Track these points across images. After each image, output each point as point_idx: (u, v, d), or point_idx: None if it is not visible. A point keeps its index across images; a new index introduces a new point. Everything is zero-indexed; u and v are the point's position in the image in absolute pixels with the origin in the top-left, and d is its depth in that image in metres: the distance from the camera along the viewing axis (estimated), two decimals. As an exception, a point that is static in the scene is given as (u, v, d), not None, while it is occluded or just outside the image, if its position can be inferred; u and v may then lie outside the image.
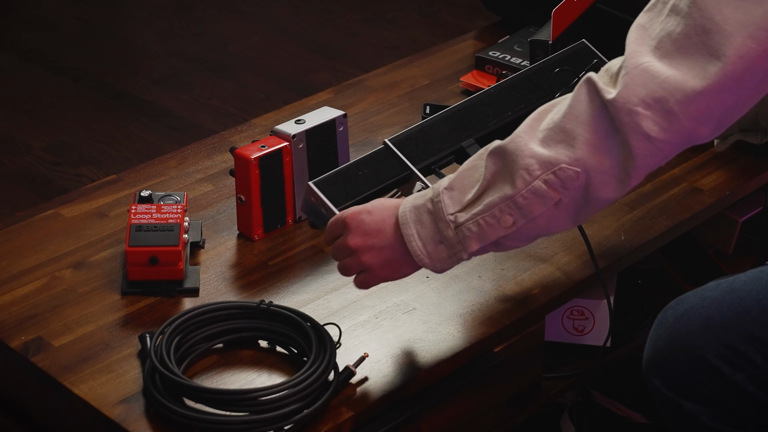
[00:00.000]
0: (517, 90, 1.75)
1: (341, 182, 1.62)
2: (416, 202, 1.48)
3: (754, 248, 2.14)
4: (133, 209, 1.71)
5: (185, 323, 1.57)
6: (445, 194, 1.46)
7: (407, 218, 1.48)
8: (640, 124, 1.35)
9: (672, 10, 1.37)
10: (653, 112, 1.35)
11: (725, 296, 1.57)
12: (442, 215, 1.45)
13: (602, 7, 2.12)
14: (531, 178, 1.40)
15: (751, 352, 1.52)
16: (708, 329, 1.55)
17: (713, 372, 1.54)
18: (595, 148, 1.38)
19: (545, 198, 1.41)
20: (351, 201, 1.61)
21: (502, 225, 1.43)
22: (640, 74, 1.35)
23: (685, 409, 1.56)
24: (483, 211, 1.43)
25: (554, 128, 1.40)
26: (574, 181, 1.40)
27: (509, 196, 1.42)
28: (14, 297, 1.69)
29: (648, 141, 1.36)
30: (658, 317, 1.62)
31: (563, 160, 1.39)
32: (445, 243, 1.46)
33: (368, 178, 1.64)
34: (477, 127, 1.71)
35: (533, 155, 1.40)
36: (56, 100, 3.28)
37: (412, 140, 1.68)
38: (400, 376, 1.57)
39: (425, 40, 3.57)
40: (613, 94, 1.36)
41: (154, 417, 1.49)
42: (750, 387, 1.53)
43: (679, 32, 1.35)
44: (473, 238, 1.45)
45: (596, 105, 1.38)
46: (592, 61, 1.79)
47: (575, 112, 1.39)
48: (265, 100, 3.28)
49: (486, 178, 1.44)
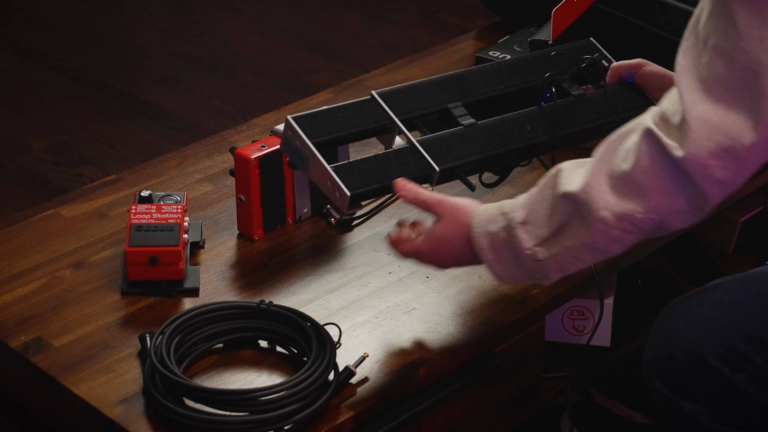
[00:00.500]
0: (514, 69, 1.75)
1: (319, 120, 1.63)
2: (489, 228, 1.51)
3: (754, 248, 2.14)
4: (133, 209, 1.71)
5: (185, 323, 1.57)
6: (521, 229, 1.49)
7: (483, 244, 1.52)
8: (713, 174, 1.39)
9: (715, 50, 1.38)
10: (723, 161, 1.39)
11: (725, 297, 1.57)
12: (520, 249, 1.50)
13: (602, 7, 2.12)
14: (607, 229, 1.44)
15: (750, 352, 1.52)
16: (708, 330, 1.55)
17: (713, 372, 1.54)
18: (667, 195, 1.42)
19: (623, 242, 1.46)
20: (326, 137, 1.61)
21: (582, 262, 1.49)
22: (702, 127, 1.38)
23: (684, 409, 1.56)
24: (562, 252, 1.48)
25: (624, 179, 1.43)
26: (648, 224, 1.44)
27: (587, 243, 1.46)
28: (14, 297, 1.69)
29: (721, 185, 1.41)
30: (658, 317, 1.62)
31: (638, 210, 1.43)
32: (524, 267, 1.51)
33: (347, 120, 1.64)
34: (466, 94, 1.71)
35: (607, 207, 1.44)
36: (56, 100, 3.28)
37: (399, 95, 1.68)
38: (400, 376, 1.57)
39: (425, 40, 3.57)
40: (681, 152, 1.39)
41: (154, 417, 1.49)
42: (750, 387, 1.53)
43: (729, 75, 1.38)
44: (555, 272, 1.50)
45: (664, 158, 1.41)
46: (594, 54, 1.78)
47: (642, 164, 1.42)
48: (265, 100, 3.28)
49: (561, 219, 1.47)
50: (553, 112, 1.71)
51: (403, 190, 1.57)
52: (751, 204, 2.09)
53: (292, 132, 1.61)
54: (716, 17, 1.38)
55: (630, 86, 1.77)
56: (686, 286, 2.05)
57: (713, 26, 1.38)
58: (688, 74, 1.41)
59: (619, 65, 1.77)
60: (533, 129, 1.69)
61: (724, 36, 1.37)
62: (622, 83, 1.78)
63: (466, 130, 1.67)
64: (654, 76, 1.75)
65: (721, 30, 1.38)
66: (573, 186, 1.46)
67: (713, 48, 1.38)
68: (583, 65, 1.77)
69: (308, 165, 1.60)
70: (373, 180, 1.58)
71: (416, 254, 1.56)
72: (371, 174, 1.58)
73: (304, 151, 1.60)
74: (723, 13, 1.38)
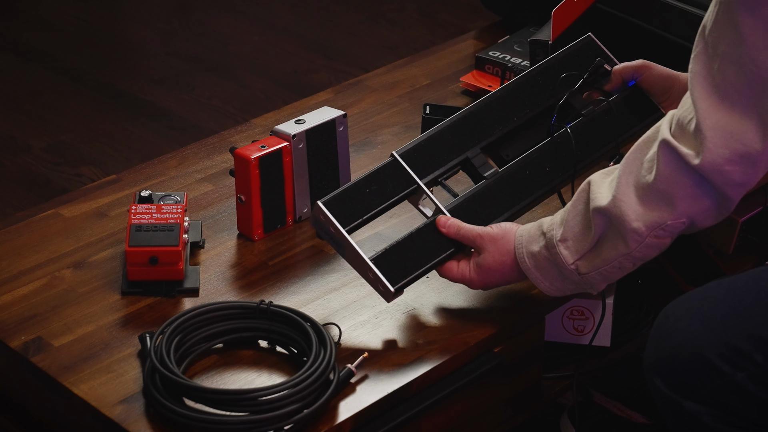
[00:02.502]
0: (523, 92, 1.77)
1: (349, 200, 1.65)
2: (531, 248, 1.61)
3: (754, 248, 2.14)
4: (133, 209, 1.71)
5: (185, 323, 1.57)
6: (561, 246, 1.58)
7: (527, 264, 1.61)
8: (732, 179, 1.46)
9: (725, 57, 1.43)
10: (740, 166, 1.46)
11: (726, 295, 1.57)
12: (564, 265, 1.59)
13: (602, 7, 2.12)
14: (642, 238, 1.53)
15: (752, 351, 1.52)
16: (709, 328, 1.55)
17: (714, 371, 1.54)
18: (693, 198, 1.50)
19: (659, 246, 1.55)
20: (358, 221, 1.64)
21: (623, 270, 1.58)
22: (718, 135, 1.44)
23: (685, 408, 1.56)
24: (604, 264, 1.57)
25: (650, 189, 1.51)
26: (680, 228, 1.53)
27: (625, 253, 1.55)
28: (14, 297, 1.69)
29: (740, 186, 1.48)
30: (659, 316, 1.62)
31: (668, 217, 1.51)
32: (570, 280, 1.61)
33: (375, 194, 1.66)
34: (482, 135, 1.75)
35: (638, 218, 1.52)
36: (56, 100, 3.28)
37: (419, 152, 1.71)
38: (400, 376, 1.57)
39: (425, 40, 3.57)
40: (698, 160, 1.46)
41: (154, 417, 1.49)
42: (751, 386, 1.53)
43: (740, 82, 1.43)
44: (600, 281, 1.60)
45: (684, 167, 1.48)
46: (595, 60, 1.79)
47: (664, 174, 1.49)
48: (265, 100, 3.28)
49: (597, 233, 1.56)
50: (568, 145, 1.74)
51: (444, 227, 1.65)
52: (751, 204, 2.09)
53: (324, 218, 1.63)
54: (722, 24, 1.42)
55: (634, 92, 1.77)
56: (686, 286, 2.05)
57: (721, 33, 1.43)
58: (702, 81, 1.46)
59: (621, 69, 1.78)
60: (553, 169, 1.74)
61: (732, 43, 1.42)
62: (626, 87, 1.78)
63: (489, 184, 1.71)
64: (658, 78, 1.77)
65: (729, 37, 1.43)
66: (603, 200, 1.53)
67: (723, 55, 1.44)
68: (586, 75, 1.78)
69: (345, 251, 1.63)
70: (413, 268, 1.64)
71: (467, 283, 1.65)
72: (410, 260, 1.64)
73: (339, 238, 1.62)
74: (729, 21, 1.41)
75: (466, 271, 1.64)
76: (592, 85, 1.80)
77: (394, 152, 1.69)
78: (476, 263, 1.64)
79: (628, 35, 2.08)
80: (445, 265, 1.66)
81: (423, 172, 1.70)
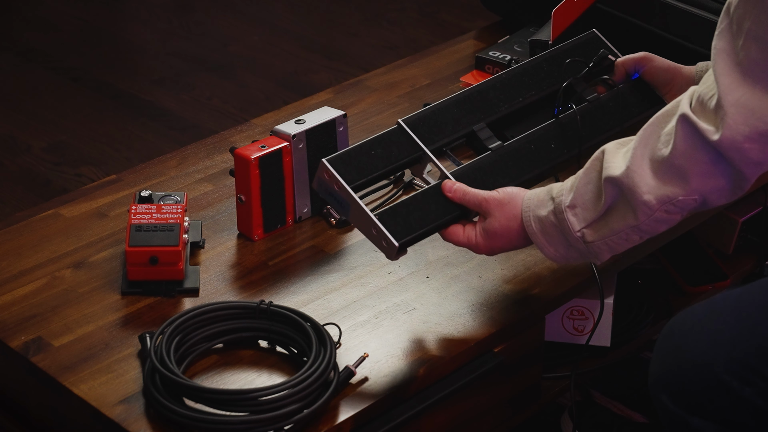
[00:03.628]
0: (528, 77, 1.77)
1: (354, 161, 1.63)
2: (538, 212, 1.58)
3: (754, 248, 2.14)
4: (133, 209, 1.71)
5: (185, 323, 1.57)
6: (569, 212, 1.55)
7: (533, 228, 1.58)
8: (750, 157, 1.43)
9: (749, 34, 1.40)
10: (759, 144, 1.42)
11: (733, 309, 1.54)
12: (570, 231, 1.56)
13: (602, 7, 2.12)
14: (651, 212, 1.50)
15: (760, 366, 1.49)
16: (717, 344, 1.52)
17: (722, 387, 1.50)
18: (708, 175, 1.47)
19: (668, 222, 1.52)
20: (363, 179, 1.63)
21: (630, 242, 1.55)
22: (738, 112, 1.41)
23: (692, 425, 1.52)
24: (611, 234, 1.54)
25: (664, 163, 1.48)
26: (691, 205, 1.50)
27: (634, 225, 1.52)
28: (14, 297, 1.69)
29: (757, 165, 1.44)
30: (664, 331, 1.58)
31: (680, 192, 1.48)
32: (575, 248, 1.57)
33: (380, 157, 1.65)
34: (488, 112, 1.74)
35: (650, 191, 1.49)
36: (56, 100, 3.28)
37: (424, 121, 1.70)
38: (400, 376, 1.57)
39: (425, 40, 3.57)
40: (717, 136, 1.43)
41: (154, 417, 1.49)
42: (759, 402, 1.49)
43: (764, 59, 1.40)
44: (605, 252, 1.57)
45: (702, 143, 1.45)
46: (600, 50, 1.79)
47: (681, 149, 1.46)
48: (265, 100, 3.28)
49: (607, 202, 1.53)
50: (573, 125, 1.73)
51: (450, 191, 1.63)
52: (751, 204, 2.09)
53: (329, 176, 1.61)
54: (749, 1, 1.39)
55: (638, 83, 1.78)
56: (686, 286, 2.05)
57: (747, 9, 1.41)
58: (725, 57, 1.43)
59: (624, 61, 1.78)
60: (558, 147, 1.72)
61: (758, 20, 1.39)
62: (629, 80, 1.78)
63: (494, 155, 1.70)
64: (661, 70, 1.76)
65: (755, 14, 1.40)
66: (617, 170, 1.51)
67: (748, 32, 1.41)
68: (591, 64, 1.78)
69: (349, 210, 1.61)
70: (417, 226, 1.61)
71: (473, 247, 1.63)
72: (415, 219, 1.61)
73: (343, 196, 1.61)
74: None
75: (472, 236, 1.62)
76: (596, 77, 1.80)
77: (400, 120, 1.69)
78: (482, 228, 1.61)
79: (628, 35, 2.08)
80: (450, 229, 1.63)
81: (428, 140, 1.68)
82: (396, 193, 1.89)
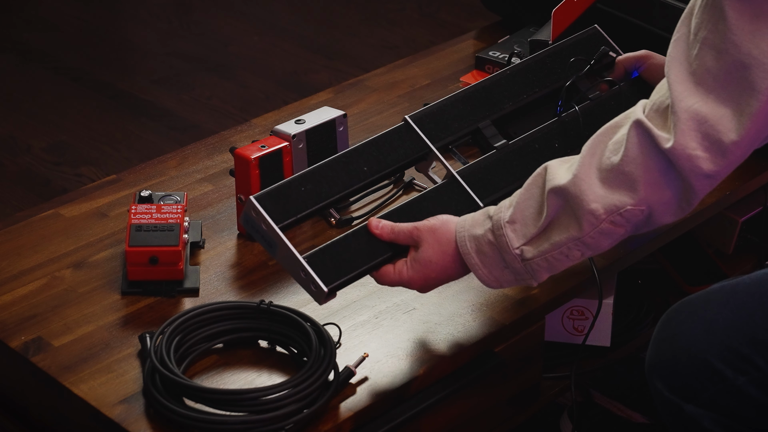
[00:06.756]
0: (532, 73, 1.77)
1: (283, 197, 1.57)
2: (474, 231, 1.51)
3: (754, 248, 2.14)
4: (133, 209, 1.71)
5: (185, 323, 1.57)
6: (508, 228, 1.49)
7: (468, 248, 1.51)
8: (700, 167, 1.40)
9: (704, 43, 1.40)
10: (710, 153, 1.40)
11: (729, 299, 1.56)
12: (508, 249, 1.49)
13: (602, 7, 2.12)
14: (597, 222, 1.45)
15: (754, 355, 1.51)
16: (711, 332, 1.54)
17: (716, 375, 1.53)
18: (656, 185, 1.43)
19: (613, 235, 1.46)
20: (292, 218, 1.56)
21: (570, 259, 1.49)
22: (691, 119, 1.39)
23: (686, 412, 1.55)
24: (551, 249, 1.48)
25: (613, 171, 1.44)
26: (638, 216, 1.45)
27: (577, 237, 1.47)
28: (14, 297, 1.69)
29: (707, 178, 1.42)
30: (662, 320, 1.61)
31: (628, 202, 1.44)
32: (511, 269, 1.51)
33: (311, 193, 1.59)
34: (493, 109, 1.73)
35: (597, 200, 1.44)
36: (56, 100, 3.28)
37: (431, 118, 1.69)
38: (400, 376, 1.57)
39: (425, 40, 3.57)
40: (670, 142, 1.40)
41: (154, 417, 1.49)
42: (753, 390, 1.52)
43: (718, 68, 1.39)
44: (543, 271, 1.50)
45: (653, 150, 1.42)
46: (601, 47, 1.80)
47: (632, 155, 1.43)
48: (265, 100, 3.28)
49: (549, 215, 1.47)
50: (576, 124, 1.73)
51: (377, 228, 1.56)
52: (751, 204, 2.09)
53: (256, 214, 1.53)
54: (708, 10, 1.39)
55: (638, 82, 1.78)
56: (686, 286, 2.05)
57: (704, 18, 1.40)
58: (678, 66, 1.42)
59: (624, 59, 1.78)
60: (561, 146, 1.72)
61: (715, 29, 1.38)
62: (629, 78, 1.78)
63: (499, 154, 1.69)
64: (660, 68, 1.76)
65: (712, 23, 1.39)
66: (562, 180, 1.46)
67: (703, 40, 1.40)
68: (593, 61, 1.78)
69: (276, 250, 1.54)
70: (348, 269, 1.54)
71: (405, 283, 1.55)
72: (345, 261, 1.54)
73: (272, 236, 1.54)
74: (714, 6, 1.38)
75: (403, 271, 1.54)
76: (597, 74, 1.80)
77: (407, 116, 1.68)
78: (413, 258, 1.53)
79: (628, 35, 2.08)
80: (381, 270, 1.55)
81: (434, 137, 1.68)
82: (396, 193, 1.90)
